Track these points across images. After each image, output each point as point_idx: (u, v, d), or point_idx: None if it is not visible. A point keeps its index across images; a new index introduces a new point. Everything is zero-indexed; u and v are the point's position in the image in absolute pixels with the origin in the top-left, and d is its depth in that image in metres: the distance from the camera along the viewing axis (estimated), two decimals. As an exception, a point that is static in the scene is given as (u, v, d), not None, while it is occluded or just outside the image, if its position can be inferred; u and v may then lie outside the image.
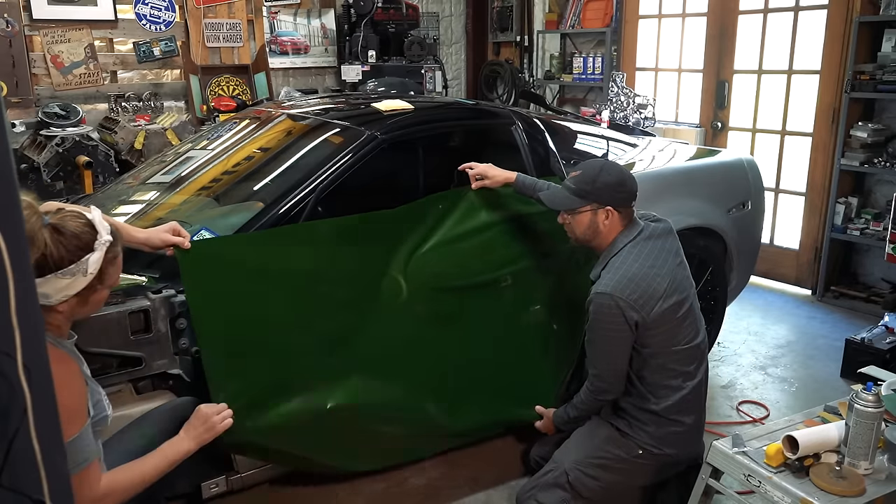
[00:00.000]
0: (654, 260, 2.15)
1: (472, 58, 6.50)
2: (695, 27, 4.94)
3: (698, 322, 2.24)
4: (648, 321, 2.07)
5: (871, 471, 1.74)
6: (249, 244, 2.14)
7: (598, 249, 2.24)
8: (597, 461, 2.19)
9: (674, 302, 2.12)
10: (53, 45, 4.56)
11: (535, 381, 2.67)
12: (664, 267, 2.15)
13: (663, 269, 2.14)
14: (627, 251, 2.15)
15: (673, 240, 2.26)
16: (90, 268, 1.44)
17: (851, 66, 3.94)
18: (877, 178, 4.16)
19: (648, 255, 2.16)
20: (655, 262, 2.15)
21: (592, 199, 2.16)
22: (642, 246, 2.17)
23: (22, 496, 0.79)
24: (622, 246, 2.16)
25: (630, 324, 2.07)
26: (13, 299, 0.75)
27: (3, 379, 0.76)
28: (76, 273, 1.43)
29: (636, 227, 2.21)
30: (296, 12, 5.55)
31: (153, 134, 4.52)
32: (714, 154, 3.49)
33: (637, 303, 2.06)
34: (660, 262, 2.16)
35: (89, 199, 2.92)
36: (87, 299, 1.49)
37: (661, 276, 2.12)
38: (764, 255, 4.13)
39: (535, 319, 2.64)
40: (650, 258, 2.15)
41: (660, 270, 2.13)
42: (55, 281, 1.41)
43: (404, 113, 2.71)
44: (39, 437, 0.79)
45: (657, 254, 2.17)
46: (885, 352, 3.17)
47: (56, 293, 1.42)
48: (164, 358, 2.00)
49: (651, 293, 2.08)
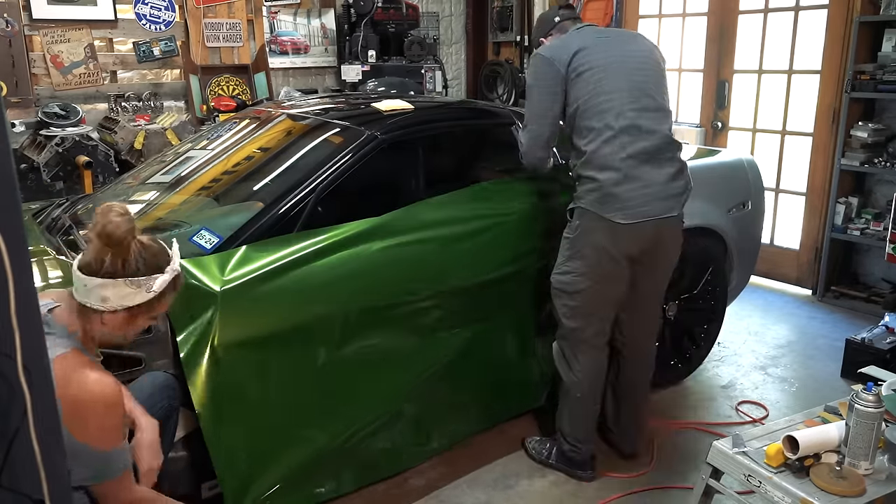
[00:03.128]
0: (588, 34, 2.38)
1: (472, 58, 6.50)
2: (695, 27, 4.94)
3: (633, 104, 2.30)
4: (568, 72, 2.30)
5: (872, 471, 1.74)
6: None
7: None
8: (563, 256, 2.41)
9: (588, 60, 2.29)
10: (53, 44, 4.55)
11: (525, 381, 2.69)
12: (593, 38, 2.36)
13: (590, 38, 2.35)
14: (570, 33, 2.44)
15: (640, 39, 2.46)
16: (155, 286, 1.53)
17: (852, 65, 3.94)
18: (877, 178, 4.16)
19: (582, 32, 2.39)
20: (587, 36, 2.36)
21: (538, 41, 2.56)
22: (587, 32, 2.40)
23: (22, 496, 0.79)
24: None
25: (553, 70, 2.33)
26: (13, 300, 0.75)
27: (3, 379, 0.76)
28: (142, 286, 1.52)
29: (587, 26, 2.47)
30: (296, 12, 5.55)
31: (153, 134, 4.52)
32: (714, 154, 3.49)
33: (555, 55, 2.33)
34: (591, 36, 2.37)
35: (89, 199, 2.92)
36: (134, 320, 1.56)
37: (582, 40, 2.34)
38: (764, 255, 4.13)
39: (518, 319, 2.65)
40: (581, 34, 2.38)
41: (583, 39, 2.34)
42: (122, 287, 1.50)
43: (404, 113, 2.71)
44: (39, 437, 0.79)
45: (599, 32, 2.41)
46: (886, 352, 3.17)
47: (117, 299, 1.50)
48: (164, 358, 2.00)
49: (566, 47, 2.33)
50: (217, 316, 2.01)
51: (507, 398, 2.76)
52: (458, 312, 2.53)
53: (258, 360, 2.09)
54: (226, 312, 2.02)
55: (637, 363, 2.58)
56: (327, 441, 2.24)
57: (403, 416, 2.43)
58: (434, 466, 2.60)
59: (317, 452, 2.22)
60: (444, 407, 2.56)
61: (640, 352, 2.57)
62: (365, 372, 2.32)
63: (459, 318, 2.54)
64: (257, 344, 2.09)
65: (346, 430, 2.27)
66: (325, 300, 2.21)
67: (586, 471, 2.54)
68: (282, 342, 2.13)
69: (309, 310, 2.17)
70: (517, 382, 2.76)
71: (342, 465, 2.30)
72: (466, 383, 2.60)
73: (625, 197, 2.25)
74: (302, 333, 2.17)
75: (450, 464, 2.62)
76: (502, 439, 2.75)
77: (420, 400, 2.46)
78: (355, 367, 2.29)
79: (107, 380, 1.46)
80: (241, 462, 2.06)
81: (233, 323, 2.03)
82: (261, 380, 2.11)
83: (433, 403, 2.51)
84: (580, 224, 2.34)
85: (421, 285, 2.41)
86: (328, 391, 2.24)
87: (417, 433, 2.49)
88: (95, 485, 1.51)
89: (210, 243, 2.20)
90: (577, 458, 2.53)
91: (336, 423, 2.26)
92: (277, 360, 2.13)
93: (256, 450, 2.09)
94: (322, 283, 2.21)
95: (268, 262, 2.13)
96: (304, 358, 2.19)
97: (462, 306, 2.53)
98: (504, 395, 2.74)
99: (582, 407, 2.49)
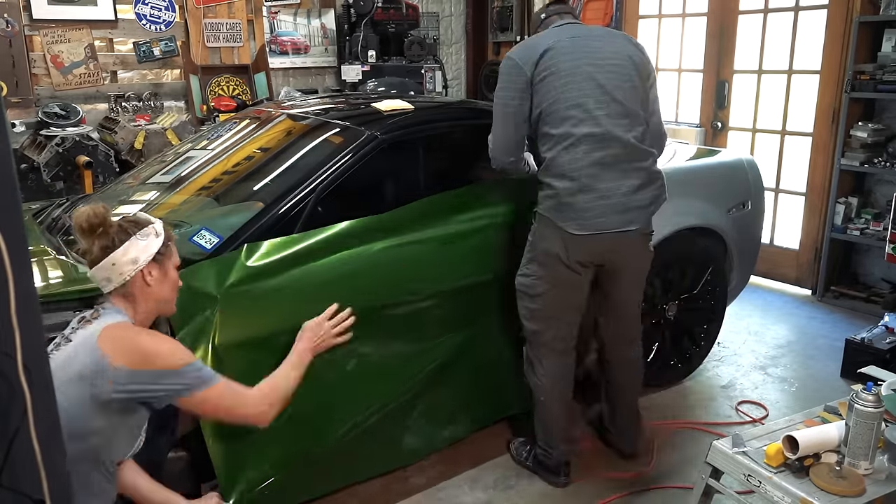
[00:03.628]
0: (560, 33, 2.30)
1: (472, 58, 6.51)
2: (695, 27, 4.94)
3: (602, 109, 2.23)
4: (533, 75, 2.24)
5: (872, 471, 1.74)
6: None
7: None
8: (525, 258, 2.40)
9: (554, 63, 2.22)
10: (53, 44, 4.56)
11: (509, 380, 2.72)
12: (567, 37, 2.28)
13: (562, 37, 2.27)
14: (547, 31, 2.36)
15: (617, 39, 2.35)
16: (158, 229, 1.73)
17: (851, 66, 3.94)
18: (877, 178, 4.16)
19: (555, 31, 2.32)
20: (559, 34, 2.29)
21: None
22: (564, 30, 2.32)
23: (22, 496, 0.79)
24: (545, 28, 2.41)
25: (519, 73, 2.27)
26: (13, 299, 0.75)
27: (3, 379, 0.76)
28: (149, 234, 1.70)
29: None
30: (296, 12, 5.55)
31: (153, 134, 4.52)
32: (714, 154, 3.49)
33: (522, 57, 2.27)
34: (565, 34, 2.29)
35: (89, 199, 2.92)
36: (165, 268, 1.74)
37: (552, 41, 2.26)
38: (764, 255, 4.13)
39: (504, 320, 2.67)
40: (554, 33, 2.30)
41: (553, 38, 2.27)
42: (137, 243, 1.68)
43: (404, 113, 2.71)
44: (39, 437, 0.79)
45: (572, 30, 2.32)
46: (885, 352, 3.17)
47: (142, 253, 1.68)
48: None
49: (534, 49, 2.26)
50: (217, 316, 2.01)
51: (506, 397, 2.76)
52: (458, 312, 2.53)
53: (258, 359, 2.09)
54: (225, 312, 2.03)
55: (621, 367, 2.56)
56: (325, 438, 2.24)
57: (401, 414, 2.43)
58: (434, 465, 2.60)
59: (314, 449, 2.22)
60: (442, 405, 2.56)
61: (621, 357, 2.55)
62: (364, 370, 2.32)
63: (459, 317, 2.54)
64: (257, 344, 2.09)
65: (343, 427, 2.27)
66: (324, 300, 2.21)
67: (559, 476, 2.50)
68: (281, 342, 2.13)
69: (309, 310, 2.17)
70: (516, 382, 2.76)
71: (340, 462, 2.30)
72: (464, 382, 2.60)
73: (580, 207, 2.21)
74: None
75: (450, 462, 2.62)
76: (503, 439, 2.75)
77: (418, 398, 2.46)
78: (354, 366, 2.30)
79: (154, 331, 1.74)
80: (240, 460, 2.06)
81: (232, 323, 2.04)
82: (260, 379, 2.11)
83: (431, 402, 2.51)
84: (537, 229, 2.34)
85: (421, 285, 2.41)
86: (327, 390, 2.24)
87: (415, 431, 2.50)
88: (195, 400, 1.70)
89: (210, 243, 2.21)
90: (548, 462, 2.50)
91: (335, 421, 2.26)
92: (277, 359, 2.13)
93: (255, 448, 2.09)
94: (322, 283, 2.22)
95: (268, 262, 2.13)
96: None
97: (462, 306, 2.53)
98: (503, 394, 2.74)
99: (546, 411, 2.46)
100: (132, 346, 1.62)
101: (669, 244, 2.92)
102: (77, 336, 1.65)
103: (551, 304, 2.36)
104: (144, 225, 1.72)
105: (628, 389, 2.61)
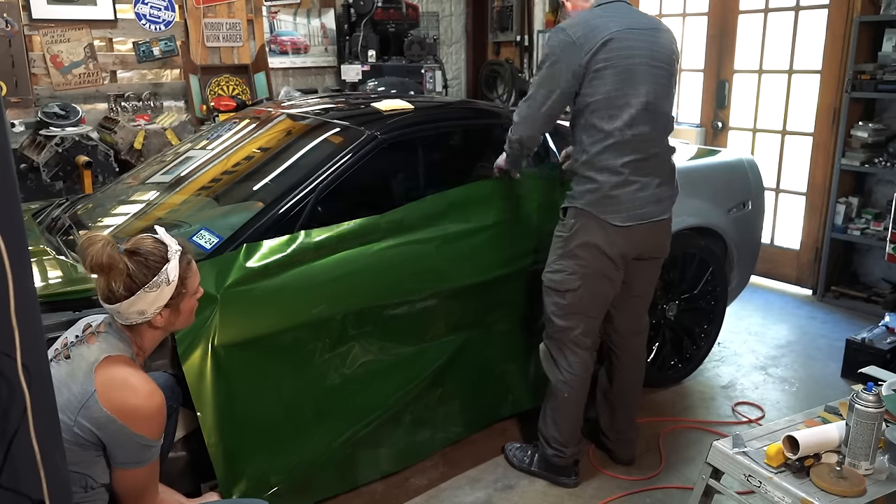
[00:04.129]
0: (621, 18, 2.22)
1: (472, 58, 6.50)
2: (695, 27, 4.94)
3: (647, 107, 2.22)
4: (590, 62, 2.18)
5: (872, 471, 1.74)
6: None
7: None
8: (554, 255, 2.39)
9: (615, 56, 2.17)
10: (53, 44, 4.55)
11: (510, 381, 2.72)
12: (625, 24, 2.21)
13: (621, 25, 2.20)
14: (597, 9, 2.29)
15: (664, 35, 2.30)
16: (171, 275, 1.60)
17: (852, 65, 3.94)
18: (877, 178, 4.16)
19: (614, 13, 2.24)
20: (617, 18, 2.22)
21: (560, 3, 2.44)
22: (616, 13, 2.25)
23: (21, 496, 0.79)
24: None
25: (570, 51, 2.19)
26: (13, 299, 0.75)
27: (3, 379, 0.76)
28: (160, 284, 1.59)
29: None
30: (296, 12, 5.55)
31: (153, 134, 4.52)
32: (714, 154, 3.49)
33: (581, 38, 2.18)
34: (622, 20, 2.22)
35: (89, 199, 2.92)
36: (178, 308, 1.65)
37: (613, 28, 2.19)
38: (764, 255, 4.13)
39: (518, 318, 2.67)
40: (614, 15, 2.23)
41: (615, 24, 2.20)
42: (145, 296, 1.57)
43: (404, 113, 2.71)
44: (39, 437, 0.79)
45: (630, 17, 2.24)
46: (886, 352, 3.17)
47: (150, 307, 1.59)
48: (163, 358, 2.00)
49: (594, 32, 2.18)
50: (217, 316, 2.01)
51: (506, 397, 2.75)
52: (459, 312, 2.53)
53: (258, 360, 2.09)
54: (225, 312, 2.02)
55: (627, 363, 2.56)
56: (327, 441, 2.24)
57: (403, 415, 2.43)
58: (435, 466, 2.60)
59: (315, 452, 2.22)
60: (443, 406, 2.56)
61: (629, 351, 2.55)
62: (364, 371, 2.32)
63: (459, 317, 2.54)
64: (257, 344, 2.09)
65: (345, 430, 2.27)
66: (324, 300, 2.21)
67: (570, 476, 2.50)
68: (281, 342, 2.13)
69: (308, 310, 2.17)
70: (516, 382, 2.76)
71: (340, 465, 2.30)
72: (465, 383, 2.60)
73: (623, 200, 2.24)
74: (301, 334, 2.17)
75: (451, 463, 2.62)
76: (503, 439, 2.75)
77: (419, 399, 2.46)
78: (355, 367, 2.29)
79: (153, 390, 1.59)
80: (240, 462, 2.06)
81: (232, 323, 2.04)
82: (260, 380, 2.11)
83: (432, 402, 2.51)
84: (575, 223, 2.32)
85: (421, 285, 2.41)
86: (328, 391, 2.24)
87: (416, 432, 2.49)
88: (130, 470, 1.60)
89: (210, 243, 2.20)
90: (561, 463, 2.49)
91: (335, 423, 2.26)
92: (277, 360, 2.13)
93: (255, 450, 2.09)
94: (322, 282, 2.21)
95: (267, 263, 2.13)
96: (303, 358, 2.19)
97: (462, 305, 2.53)
98: (502, 393, 2.74)
99: (568, 408, 2.45)
100: (126, 396, 1.53)
101: (670, 244, 2.92)
102: (75, 355, 1.57)
103: (582, 299, 2.35)
104: (157, 267, 1.59)
105: (629, 388, 2.60)
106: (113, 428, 1.52)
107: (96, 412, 1.51)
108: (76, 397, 1.52)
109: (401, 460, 2.51)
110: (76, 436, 1.51)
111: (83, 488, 1.59)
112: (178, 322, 1.70)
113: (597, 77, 2.19)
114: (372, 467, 2.42)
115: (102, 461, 1.58)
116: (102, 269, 1.54)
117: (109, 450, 1.55)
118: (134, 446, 1.55)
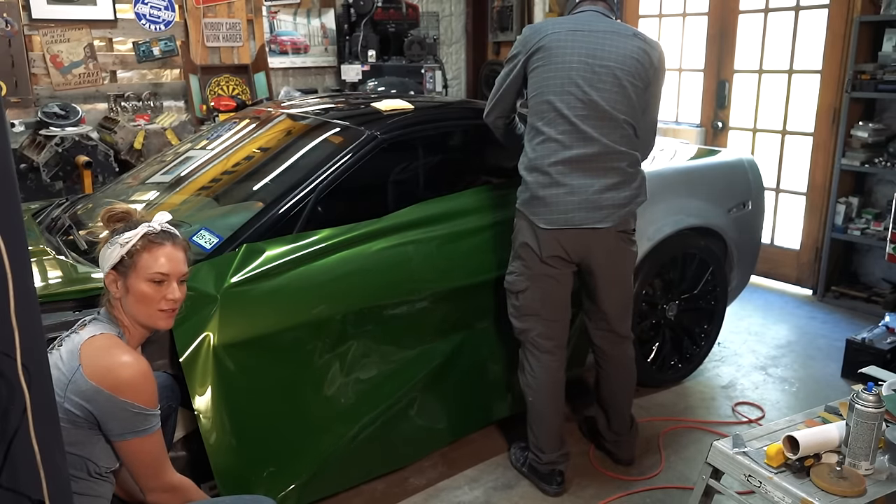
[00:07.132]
0: (574, 23, 2.28)
1: (472, 58, 6.50)
2: (695, 27, 4.94)
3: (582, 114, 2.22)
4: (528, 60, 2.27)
5: (872, 471, 1.74)
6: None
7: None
8: (511, 257, 2.42)
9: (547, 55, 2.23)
10: (53, 44, 4.55)
11: (509, 380, 2.71)
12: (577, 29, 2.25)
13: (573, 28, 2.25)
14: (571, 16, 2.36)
15: (629, 41, 2.26)
16: (122, 239, 1.66)
17: (852, 65, 3.93)
18: (877, 178, 4.16)
19: (572, 19, 2.30)
20: (576, 23, 2.28)
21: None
22: (578, 19, 2.30)
23: (21, 496, 0.79)
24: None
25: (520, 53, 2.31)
26: (13, 299, 0.75)
27: (3, 379, 0.76)
28: (115, 244, 1.67)
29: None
30: (295, 12, 5.55)
31: (153, 134, 4.51)
32: (714, 154, 3.49)
33: (527, 35, 2.29)
34: (578, 24, 2.27)
35: (89, 199, 2.92)
36: (126, 282, 1.66)
37: (554, 30, 2.25)
38: (764, 255, 4.13)
39: (505, 318, 2.68)
40: (568, 21, 2.29)
41: (560, 27, 2.26)
42: (104, 250, 1.69)
43: (404, 113, 2.71)
44: (39, 437, 0.79)
45: (587, 23, 2.27)
46: (886, 352, 3.17)
47: (105, 262, 1.68)
48: (163, 358, 2.00)
49: (536, 34, 2.27)
50: (216, 316, 2.01)
51: (505, 396, 2.75)
52: (458, 312, 2.53)
53: (257, 360, 2.09)
54: (225, 313, 2.02)
55: (612, 371, 2.53)
56: (326, 440, 2.24)
57: (402, 415, 2.43)
58: (435, 465, 2.60)
59: (315, 451, 2.21)
60: (442, 405, 2.56)
61: (611, 361, 2.51)
62: (365, 372, 2.32)
63: (459, 317, 2.54)
64: (256, 344, 2.09)
65: (345, 429, 2.27)
66: (324, 300, 2.21)
67: (551, 485, 2.44)
68: (281, 343, 2.13)
69: (308, 310, 2.17)
70: (515, 381, 2.76)
71: (340, 464, 2.30)
72: (464, 382, 2.60)
73: (549, 202, 2.23)
74: (301, 334, 2.17)
75: (450, 463, 2.62)
76: (503, 439, 2.75)
77: (419, 398, 2.46)
78: (355, 368, 2.29)
79: (136, 358, 1.62)
80: (239, 463, 2.06)
81: (232, 323, 2.04)
82: (260, 380, 2.11)
83: (432, 401, 2.51)
84: (515, 224, 2.37)
85: (421, 285, 2.41)
86: (328, 392, 2.24)
87: (415, 431, 2.49)
88: (130, 441, 1.60)
89: (210, 243, 2.21)
90: (541, 469, 2.47)
91: (335, 422, 2.26)
92: (276, 360, 2.13)
93: (254, 450, 2.09)
94: (322, 283, 2.21)
95: (267, 263, 2.13)
96: (303, 359, 2.18)
97: (462, 305, 2.53)
98: (501, 393, 2.74)
99: (536, 412, 2.44)
100: (108, 364, 1.56)
101: (670, 244, 2.92)
102: (66, 341, 1.63)
103: (532, 300, 2.36)
104: (121, 230, 1.69)
105: (619, 392, 2.56)
106: (101, 399, 1.54)
107: (83, 385, 1.54)
108: (64, 375, 1.56)
109: (400, 459, 2.51)
110: (68, 412, 1.54)
111: (87, 473, 1.61)
112: (130, 302, 1.66)
113: (533, 75, 2.27)
114: (371, 466, 2.42)
115: (102, 442, 1.60)
116: (112, 220, 1.71)
117: (103, 424, 1.57)
118: (125, 414, 1.56)
